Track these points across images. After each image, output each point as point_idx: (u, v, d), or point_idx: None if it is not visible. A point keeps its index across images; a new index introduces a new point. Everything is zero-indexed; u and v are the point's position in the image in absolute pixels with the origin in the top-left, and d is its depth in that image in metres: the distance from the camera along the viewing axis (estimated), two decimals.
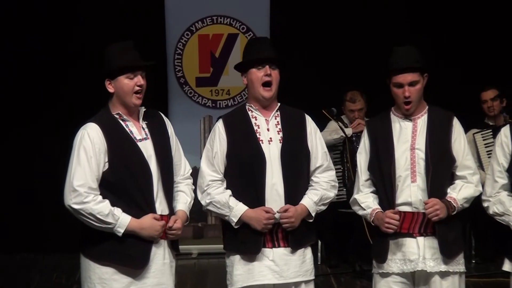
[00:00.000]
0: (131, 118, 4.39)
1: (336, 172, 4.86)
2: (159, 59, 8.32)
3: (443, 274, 4.57)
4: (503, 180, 4.53)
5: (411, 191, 4.56)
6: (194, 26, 8.81)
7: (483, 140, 7.61)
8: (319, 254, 8.00)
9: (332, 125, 7.70)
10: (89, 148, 4.25)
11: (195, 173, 4.63)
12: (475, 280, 7.37)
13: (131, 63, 4.33)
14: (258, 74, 4.56)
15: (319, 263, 7.95)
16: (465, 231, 8.17)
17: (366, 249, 5.89)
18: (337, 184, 4.76)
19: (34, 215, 8.64)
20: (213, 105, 8.87)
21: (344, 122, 7.75)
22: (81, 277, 4.42)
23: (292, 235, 4.57)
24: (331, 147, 7.28)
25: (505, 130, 4.61)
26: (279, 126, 4.63)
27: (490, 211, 4.56)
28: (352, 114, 7.72)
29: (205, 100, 8.87)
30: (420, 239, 4.57)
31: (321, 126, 7.00)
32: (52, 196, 5.45)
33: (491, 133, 7.65)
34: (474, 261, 8.03)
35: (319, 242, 7.98)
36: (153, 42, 8.45)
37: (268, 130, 4.61)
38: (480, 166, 7.67)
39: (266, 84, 4.57)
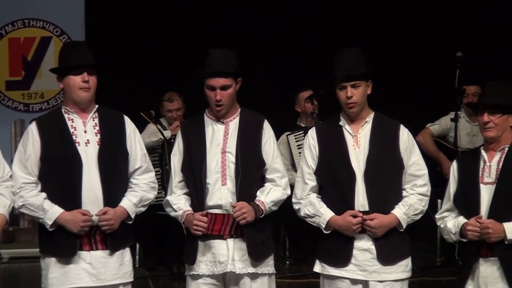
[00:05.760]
0: None
1: (155, 175, 4.85)
2: None
3: (253, 276, 4.63)
4: (312, 182, 4.60)
5: (221, 194, 4.61)
6: (4, 30, 8.65)
7: (296, 141, 7.80)
8: (137, 256, 7.93)
9: (151, 127, 7.68)
10: None
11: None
12: (289, 281, 7.50)
13: None
14: (76, 79, 4.52)
15: (137, 266, 7.86)
16: (279, 232, 8.39)
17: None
18: (156, 186, 4.77)
19: None
20: (26, 108, 8.70)
21: (163, 124, 7.75)
22: None
23: (110, 237, 4.53)
24: (150, 149, 7.24)
25: (312, 132, 4.68)
26: (97, 128, 4.59)
27: (301, 213, 4.62)
28: (170, 114, 7.75)
29: (16, 104, 8.69)
30: (230, 241, 4.62)
31: (140, 128, 6.98)
32: None
33: (303, 134, 7.84)
34: (288, 262, 8.13)
35: (137, 245, 7.93)
36: None
37: (85, 132, 4.56)
38: (293, 167, 7.86)
39: (85, 89, 4.54)
